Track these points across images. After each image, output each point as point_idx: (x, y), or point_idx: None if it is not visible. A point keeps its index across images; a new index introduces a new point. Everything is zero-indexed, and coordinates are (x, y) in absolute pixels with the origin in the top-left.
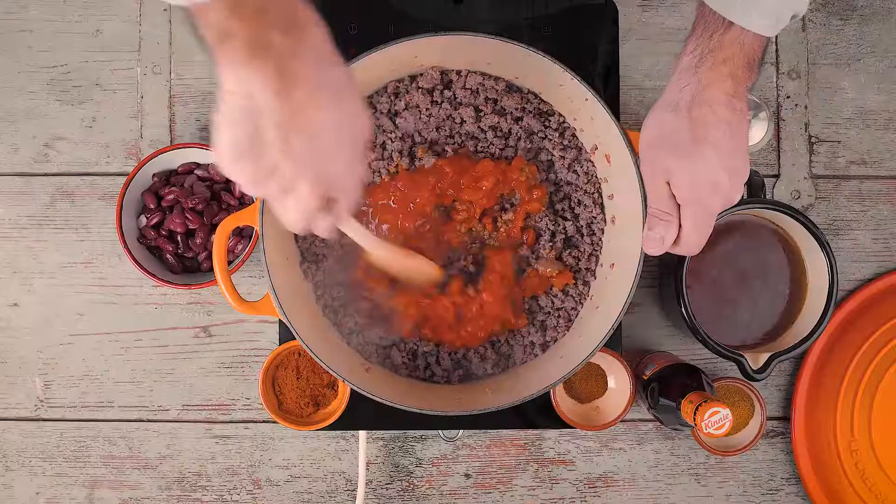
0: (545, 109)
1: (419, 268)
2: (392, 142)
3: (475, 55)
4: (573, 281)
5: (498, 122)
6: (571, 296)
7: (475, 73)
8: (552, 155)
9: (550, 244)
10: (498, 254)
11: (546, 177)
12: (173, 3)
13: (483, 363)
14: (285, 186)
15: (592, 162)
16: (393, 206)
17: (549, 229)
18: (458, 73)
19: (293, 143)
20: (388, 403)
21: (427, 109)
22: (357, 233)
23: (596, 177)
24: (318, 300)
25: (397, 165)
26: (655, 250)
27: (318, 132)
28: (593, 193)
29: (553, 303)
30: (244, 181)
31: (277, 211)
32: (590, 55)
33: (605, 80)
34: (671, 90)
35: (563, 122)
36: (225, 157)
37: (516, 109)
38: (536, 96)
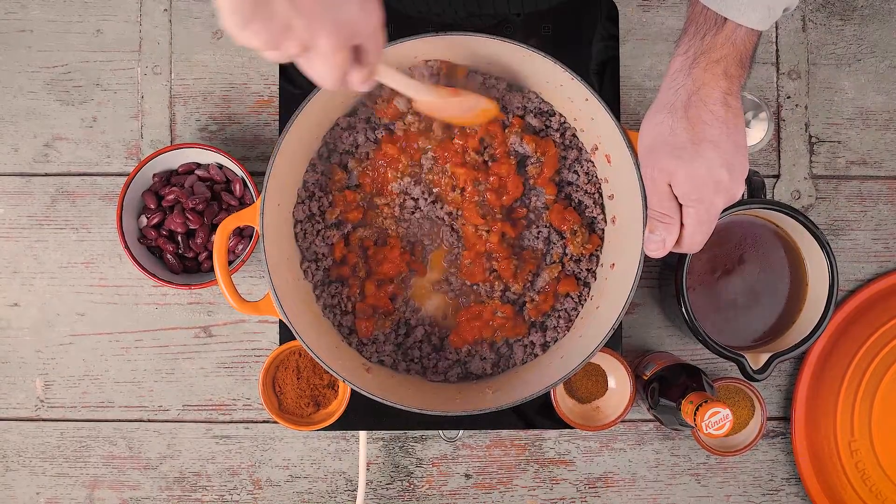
0: (545, 109)
1: (472, 104)
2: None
3: (475, 55)
4: (576, 289)
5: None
6: (571, 296)
7: (475, 72)
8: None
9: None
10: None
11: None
12: None
13: (483, 363)
14: (304, 43)
15: (593, 162)
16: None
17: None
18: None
19: None
20: (388, 404)
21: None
22: (396, 80)
23: (596, 177)
24: (318, 300)
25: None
26: (657, 252)
27: None
28: (593, 193)
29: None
30: (259, 45)
31: (307, 70)
32: (589, 55)
33: (604, 79)
34: (666, 92)
35: (564, 122)
36: (233, 24)
37: (517, 108)
38: (537, 96)
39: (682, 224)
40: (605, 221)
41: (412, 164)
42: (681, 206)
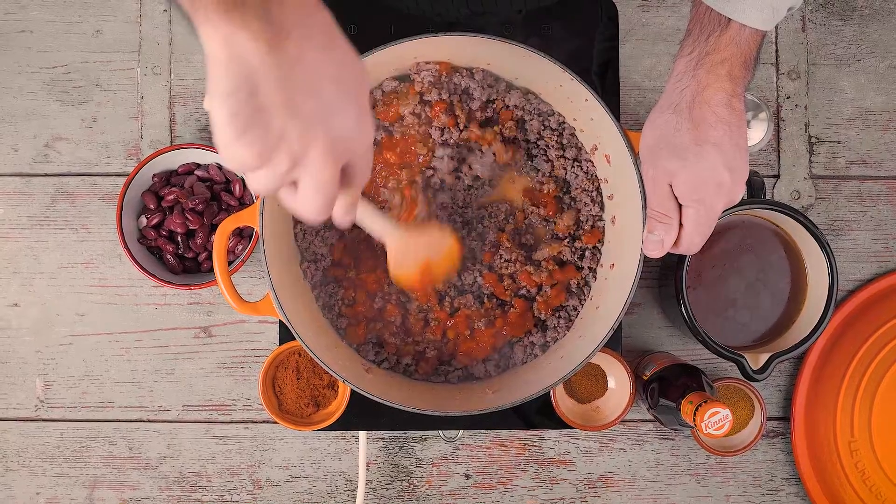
0: (545, 109)
1: (437, 237)
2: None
3: (475, 55)
4: (577, 275)
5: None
6: (574, 293)
7: (477, 69)
8: (551, 155)
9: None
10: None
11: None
12: None
13: (483, 364)
14: (295, 154)
15: (592, 162)
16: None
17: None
18: (470, 71)
19: (297, 101)
20: (387, 404)
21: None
22: (372, 221)
23: (596, 177)
24: (318, 300)
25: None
26: (655, 252)
27: (321, 82)
28: (593, 193)
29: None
30: (249, 160)
31: (289, 198)
32: (589, 55)
33: (604, 80)
34: (670, 92)
35: (563, 121)
36: (226, 134)
37: (516, 107)
38: (536, 96)
39: (681, 225)
40: (605, 221)
41: (409, 169)
42: (680, 206)
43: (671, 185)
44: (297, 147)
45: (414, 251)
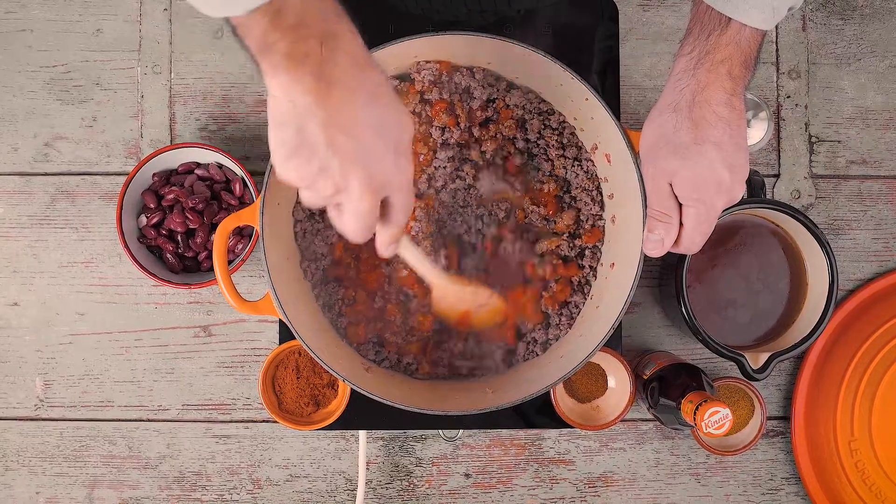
0: (545, 109)
1: (484, 298)
2: None
3: (475, 55)
4: (578, 273)
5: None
6: (576, 290)
7: (478, 69)
8: (551, 154)
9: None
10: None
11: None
12: (213, 14)
13: (500, 351)
14: (337, 183)
15: (592, 161)
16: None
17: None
18: (470, 70)
19: (338, 141)
20: (388, 403)
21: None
22: (416, 257)
23: (596, 176)
24: (318, 299)
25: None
26: (655, 252)
27: (361, 129)
28: (593, 192)
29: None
30: (297, 180)
31: (335, 219)
32: (589, 54)
33: (604, 79)
34: (670, 91)
35: (563, 121)
36: (277, 156)
37: (516, 107)
38: (537, 95)
39: (681, 224)
40: (605, 221)
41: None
42: (680, 205)
43: (671, 185)
44: (339, 178)
45: (456, 298)
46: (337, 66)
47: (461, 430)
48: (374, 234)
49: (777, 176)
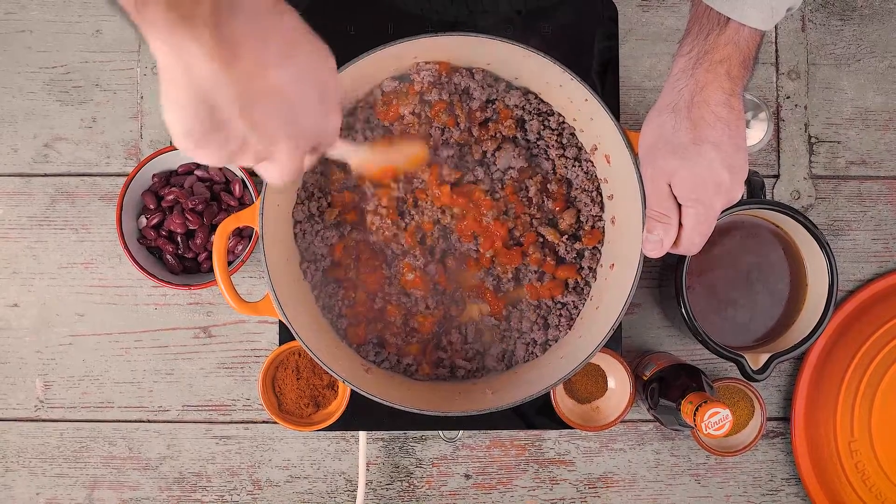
0: (545, 109)
1: (406, 150)
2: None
3: (475, 55)
4: (575, 276)
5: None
6: (575, 291)
7: (477, 69)
8: (552, 154)
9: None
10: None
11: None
12: None
13: (487, 356)
14: (260, 154)
15: (592, 162)
16: None
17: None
18: (470, 71)
19: (256, 114)
20: (387, 404)
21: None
22: (338, 153)
23: (596, 177)
24: (318, 300)
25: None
26: (655, 253)
27: (280, 94)
28: (593, 193)
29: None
30: (212, 163)
31: (258, 169)
32: (589, 55)
33: (604, 80)
34: (668, 92)
35: (563, 122)
36: (183, 144)
37: (516, 107)
38: (536, 96)
39: (680, 224)
40: (605, 221)
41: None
42: (680, 206)
43: (670, 185)
44: (263, 150)
45: (379, 162)
46: (234, 18)
47: (461, 431)
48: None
49: (777, 177)
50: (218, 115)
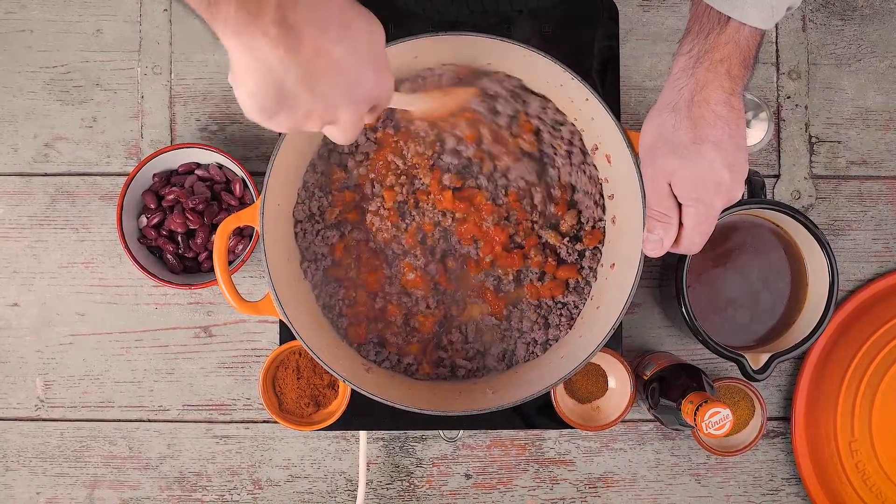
0: (559, 119)
1: (462, 98)
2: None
3: (475, 55)
4: (576, 276)
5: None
6: (575, 291)
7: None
8: (558, 163)
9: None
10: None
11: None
12: None
13: (487, 356)
14: (325, 119)
15: (595, 165)
16: None
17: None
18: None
19: (320, 87)
20: (388, 404)
21: None
22: (397, 102)
23: (597, 178)
24: (319, 299)
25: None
26: (655, 252)
27: (340, 68)
28: (593, 193)
29: (556, 298)
30: (282, 130)
31: (327, 134)
32: (590, 55)
33: (604, 80)
34: (669, 91)
35: (573, 130)
36: (258, 118)
37: (536, 118)
38: (536, 97)
39: (680, 224)
40: (606, 221)
41: (403, 173)
42: (680, 206)
43: (670, 185)
44: (327, 116)
45: (435, 108)
46: (297, 8)
47: (461, 431)
48: None
49: (777, 176)
50: (286, 91)
